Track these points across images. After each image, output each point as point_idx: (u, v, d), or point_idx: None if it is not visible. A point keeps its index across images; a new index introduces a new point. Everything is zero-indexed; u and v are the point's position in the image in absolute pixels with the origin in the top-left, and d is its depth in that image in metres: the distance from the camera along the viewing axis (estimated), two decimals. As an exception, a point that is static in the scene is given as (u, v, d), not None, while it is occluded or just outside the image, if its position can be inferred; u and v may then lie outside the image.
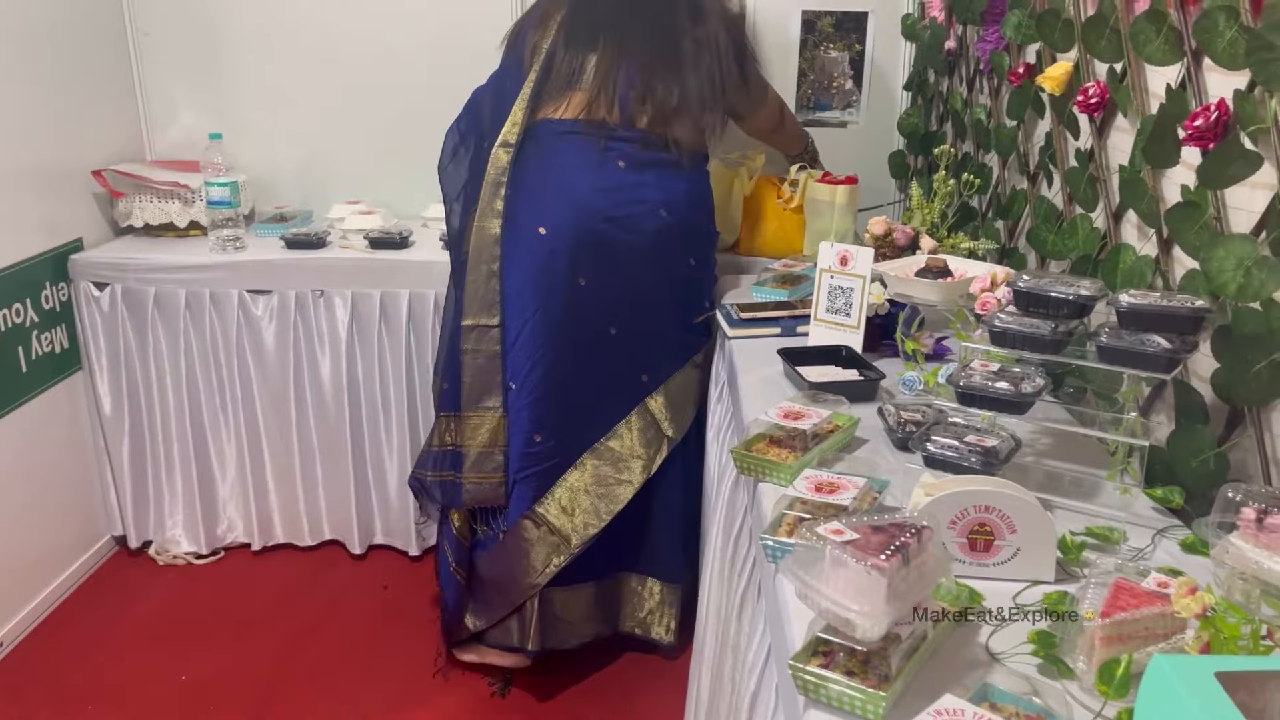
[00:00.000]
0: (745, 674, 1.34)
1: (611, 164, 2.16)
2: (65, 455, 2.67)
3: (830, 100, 2.95)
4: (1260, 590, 0.93)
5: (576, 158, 2.17)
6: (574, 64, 2.21)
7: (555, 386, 2.16)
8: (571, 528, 2.18)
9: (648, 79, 2.18)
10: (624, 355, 2.19)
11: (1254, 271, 1.22)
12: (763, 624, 1.29)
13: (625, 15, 2.23)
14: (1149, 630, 0.98)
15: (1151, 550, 1.23)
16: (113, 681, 2.32)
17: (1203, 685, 0.73)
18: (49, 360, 2.58)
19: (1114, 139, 1.70)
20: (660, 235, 2.17)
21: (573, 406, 2.18)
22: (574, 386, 2.17)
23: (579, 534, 2.18)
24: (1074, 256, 1.77)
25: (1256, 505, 0.94)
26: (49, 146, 2.57)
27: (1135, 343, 1.27)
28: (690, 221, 2.24)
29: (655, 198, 2.17)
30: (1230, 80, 1.33)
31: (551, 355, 2.14)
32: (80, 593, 2.68)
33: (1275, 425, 1.27)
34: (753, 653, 1.32)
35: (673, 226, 2.18)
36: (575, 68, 2.21)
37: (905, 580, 0.95)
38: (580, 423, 2.19)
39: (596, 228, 2.12)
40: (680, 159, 2.21)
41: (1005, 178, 2.20)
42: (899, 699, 0.94)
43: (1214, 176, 1.33)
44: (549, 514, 2.18)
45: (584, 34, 2.22)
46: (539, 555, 2.17)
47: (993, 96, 2.26)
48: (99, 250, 2.70)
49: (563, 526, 2.18)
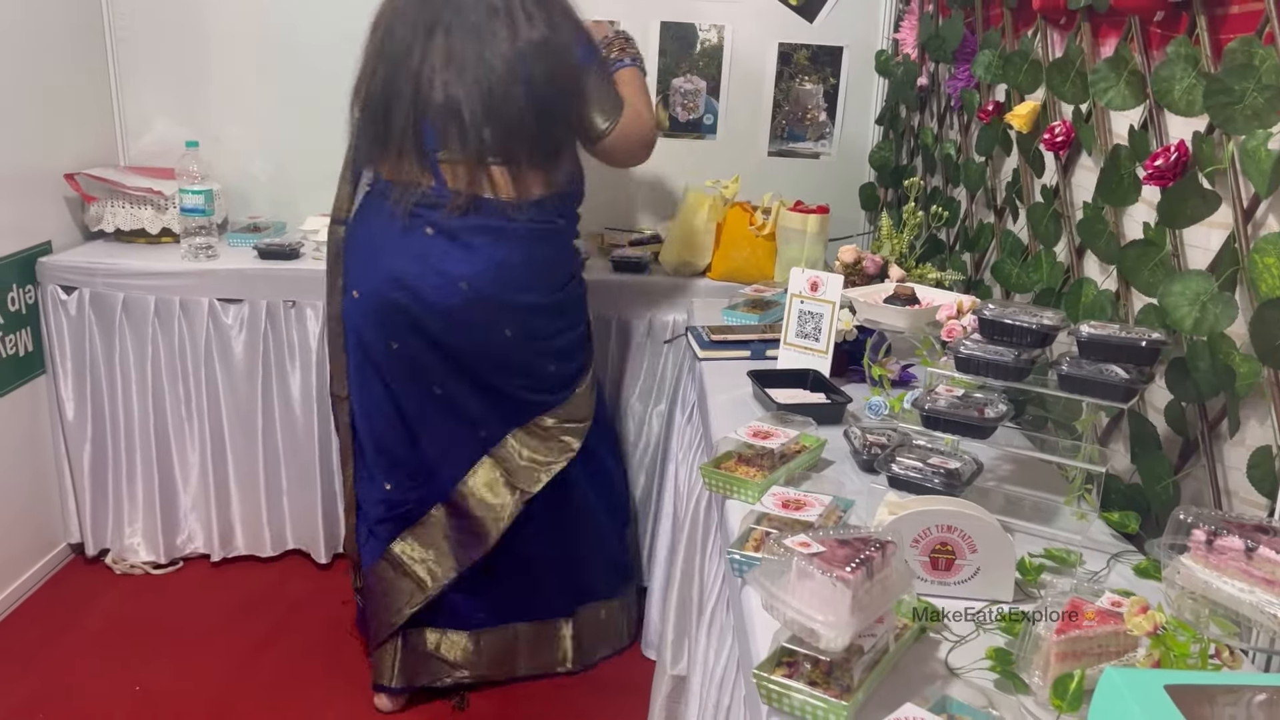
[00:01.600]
0: (712, 687, 1.35)
1: (419, 230, 2.05)
2: (24, 459, 2.63)
3: (804, 132, 3.01)
4: (1209, 610, 0.96)
5: (385, 220, 2.08)
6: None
7: (396, 442, 2.18)
8: (428, 572, 2.20)
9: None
10: (455, 412, 2.16)
11: (1209, 306, 1.27)
12: (730, 637, 1.31)
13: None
14: (1102, 648, 1.01)
15: (1106, 574, 1.26)
16: (64, 690, 2.28)
17: (1152, 697, 0.76)
18: (12, 363, 2.55)
19: (1078, 176, 1.75)
20: (465, 310, 2.05)
21: (416, 460, 2.19)
22: (414, 441, 2.18)
23: (436, 579, 2.20)
24: (1038, 289, 1.81)
25: (1206, 528, 0.97)
26: (21, 148, 2.55)
27: (1095, 372, 1.31)
28: (500, 298, 2.07)
29: (458, 271, 2.04)
30: (1191, 123, 1.39)
31: (385, 412, 2.16)
32: (34, 600, 2.63)
33: (1227, 456, 1.31)
34: (720, 666, 1.33)
35: (476, 302, 2.05)
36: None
37: (869, 593, 0.97)
38: (427, 475, 2.20)
39: (392, 296, 2.05)
40: (511, 219, 2.05)
41: (973, 211, 2.26)
42: (860, 709, 0.96)
43: (1173, 215, 1.38)
44: (404, 556, 2.21)
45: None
46: (398, 596, 2.21)
47: (962, 132, 2.32)
48: (68, 254, 2.68)
49: (417, 570, 2.21)
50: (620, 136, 2.15)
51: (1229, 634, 0.99)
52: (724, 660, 1.34)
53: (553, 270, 2.17)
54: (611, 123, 2.13)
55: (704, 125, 2.99)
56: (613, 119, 2.13)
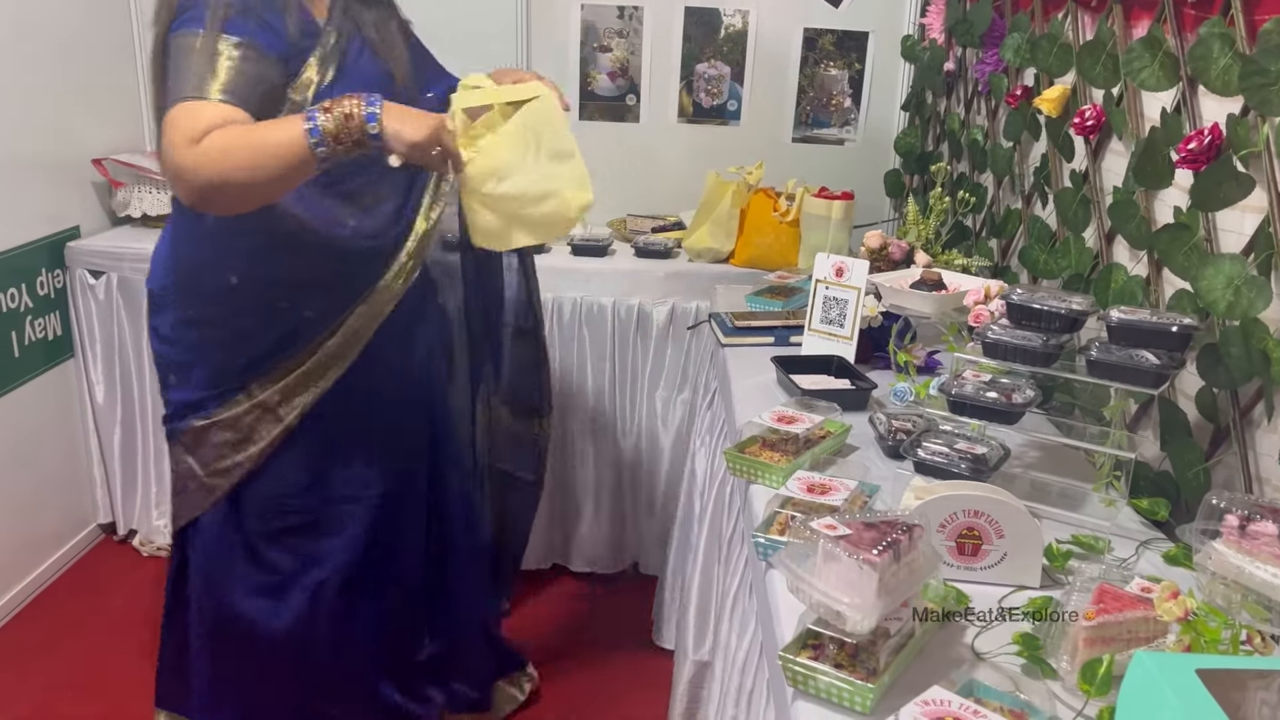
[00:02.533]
0: (735, 671, 1.35)
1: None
2: (55, 441, 2.66)
3: (829, 118, 2.99)
4: (1241, 596, 0.95)
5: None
6: None
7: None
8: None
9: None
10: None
11: (1243, 290, 1.25)
12: (753, 622, 1.30)
13: None
14: (1131, 633, 1.00)
15: (1135, 560, 1.25)
16: (89, 671, 2.31)
17: (1184, 681, 0.75)
18: (42, 346, 2.58)
19: (1108, 161, 1.73)
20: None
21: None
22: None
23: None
24: (1066, 275, 1.80)
25: (1240, 512, 0.96)
26: (50, 134, 2.58)
27: (1125, 358, 1.30)
28: (152, 289, 1.76)
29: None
30: (1224, 105, 1.37)
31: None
32: (63, 580, 2.67)
33: (1259, 443, 1.30)
34: (744, 651, 1.33)
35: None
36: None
37: (896, 576, 0.97)
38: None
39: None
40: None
41: (1000, 197, 2.24)
42: (887, 692, 0.96)
43: (1206, 199, 1.36)
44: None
45: None
46: None
47: (990, 118, 2.29)
48: (96, 239, 2.70)
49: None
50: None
51: (1260, 619, 0.98)
52: (747, 645, 1.34)
53: (180, 266, 1.75)
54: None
55: (728, 111, 2.97)
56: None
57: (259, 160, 1.37)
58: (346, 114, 1.37)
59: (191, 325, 1.71)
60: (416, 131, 1.39)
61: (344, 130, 1.37)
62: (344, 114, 1.37)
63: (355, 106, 1.38)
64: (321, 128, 1.37)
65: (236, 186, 1.38)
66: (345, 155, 1.40)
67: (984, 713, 0.88)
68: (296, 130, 1.37)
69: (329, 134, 1.37)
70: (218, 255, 1.66)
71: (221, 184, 1.37)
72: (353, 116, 1.37)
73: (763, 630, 1.21)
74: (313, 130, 1.37)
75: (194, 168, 1.36)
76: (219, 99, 1.41)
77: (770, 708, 1.10)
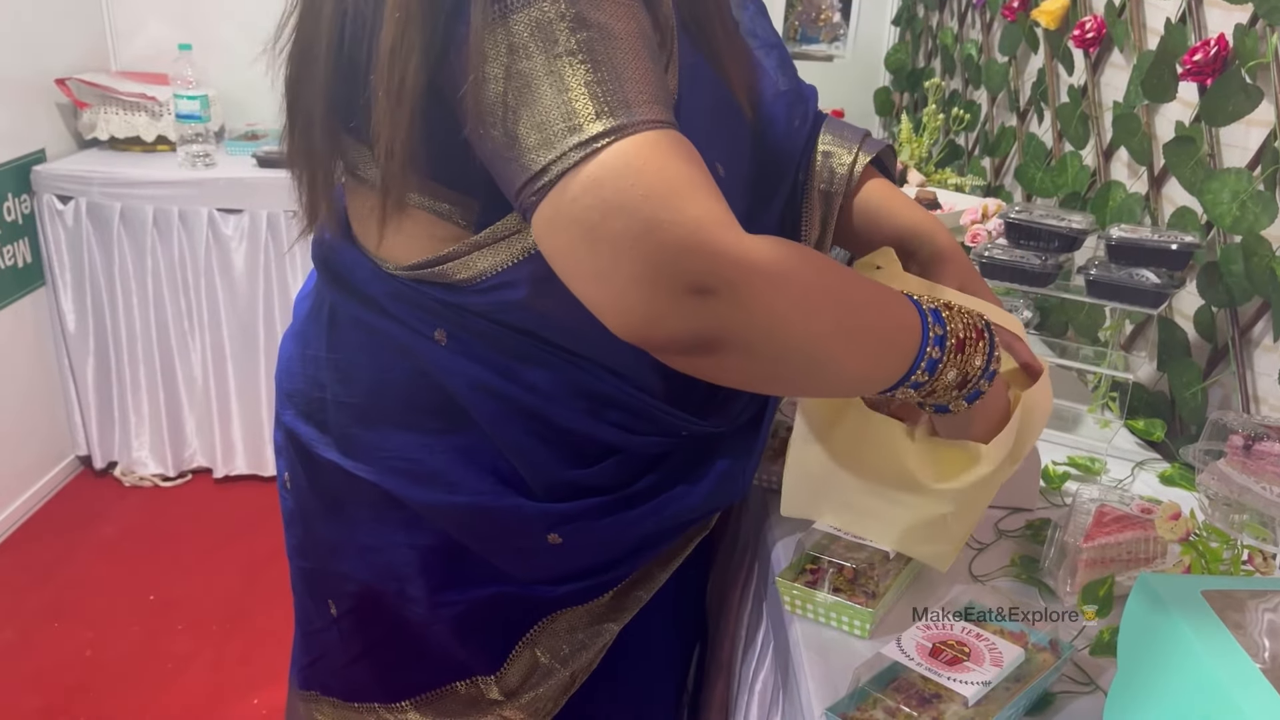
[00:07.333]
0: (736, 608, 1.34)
1: None
2: (29, 372, 2.61)
3: (817, 33, 2.91)
4: (1245, 516, 0.94)
5: None
6: None
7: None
8: None
9: None
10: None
11: (1249, 205, 1.22)
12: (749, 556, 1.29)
13: None
14: (1131, 554, 0.99)
15: (1131, 481, 1.24)
16: (77, 600, 2.30)
17: (1190, 602, 0.74)
18: (11, 274, 2.51)
19: (1108, 75, 1.68)
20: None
21: None
22: None
23: None
24: (1062, 194, 1.76)
25: (1244, 433, 0.95)
26: (9, 52, 2.47)
27: (1124, 277, 1.27)
28: None
29: None
30: (1231, 15, 1.32)
31: None
32: (44, 512, 2.64)
33: (1258, 362, 1.28)
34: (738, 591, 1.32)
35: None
36: None
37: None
38: None
39: None
40: None
41: (994, 114, 2.19)
42: (885, 615, 0.95)
43: (1214, 112, 1.32)
44: None
45: None
46: None
47: (984, 31, 2.23)
48: (63, 162, 2.62)
49: None
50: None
51: (1262, 539, 0.97)
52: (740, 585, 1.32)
53: None
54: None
55: (714, 27, 2.89)
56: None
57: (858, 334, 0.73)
58: (968, 358, 0.78)
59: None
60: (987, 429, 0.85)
61: (947, 386, 0.78)
62: (965, 358, 0.77)
63: (979, 351, 0.78)
64: (931, 357, 0.75)
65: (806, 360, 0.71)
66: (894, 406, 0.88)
67: (984, 635, 0.87)
68: (911, 319, 0.75)
69: (942, 382, 0.77)
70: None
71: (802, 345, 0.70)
72: (970, 369, 0.78)
73: (759, 563, 1.19)
74: (918, 355, 0.75)
75: (771, 290, 0.66)
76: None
77: (770, 638, 1.09)
